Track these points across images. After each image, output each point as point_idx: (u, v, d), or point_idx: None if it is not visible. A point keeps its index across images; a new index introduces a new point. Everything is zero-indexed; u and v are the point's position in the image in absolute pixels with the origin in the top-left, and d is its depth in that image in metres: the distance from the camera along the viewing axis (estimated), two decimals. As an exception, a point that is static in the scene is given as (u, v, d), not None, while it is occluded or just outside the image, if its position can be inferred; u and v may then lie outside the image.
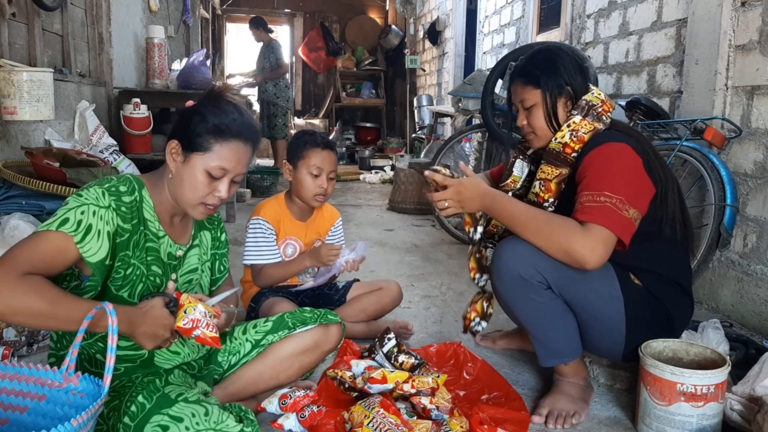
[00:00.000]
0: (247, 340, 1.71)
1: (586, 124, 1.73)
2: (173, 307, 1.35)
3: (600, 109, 1.74)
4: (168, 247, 1.50)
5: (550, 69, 1.76)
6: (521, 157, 1.95)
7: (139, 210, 1.43)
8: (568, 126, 1.74)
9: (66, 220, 1.30)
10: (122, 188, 1.40)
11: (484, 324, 1.97)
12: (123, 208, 1.38)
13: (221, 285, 1.72)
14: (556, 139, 1.75)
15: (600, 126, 1.73)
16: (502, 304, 1.86)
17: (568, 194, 1.71)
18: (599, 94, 1.78)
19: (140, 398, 1.28)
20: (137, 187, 1.44)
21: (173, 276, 1.51)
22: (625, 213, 1.58)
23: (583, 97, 1.76)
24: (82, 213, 1.32)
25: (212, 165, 1.41)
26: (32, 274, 1.24)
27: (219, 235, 1.69)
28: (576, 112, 1.75)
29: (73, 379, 1.26)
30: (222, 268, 1.71)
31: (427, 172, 1.77)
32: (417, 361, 1.87)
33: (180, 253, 1.53)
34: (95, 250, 1.32)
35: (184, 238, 1.56)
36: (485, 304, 2.03)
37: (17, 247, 1.29)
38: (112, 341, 1.22)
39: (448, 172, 1.79)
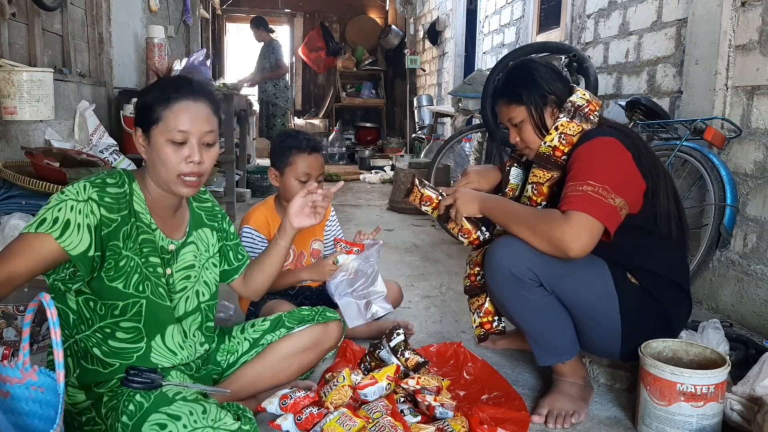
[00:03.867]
0: (245, 338, 1.72)
1: (574, 126, 1.73)
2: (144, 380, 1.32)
3: (587, 110, 1.75)
4: (160, 240, 1.50)
5: (529, 82, 1.78)
6: (516, 164, 1.96)
7: (129, 202, 1.44)
8: (556, 129, 1.75)
9: (44, 221, 1.33)
10: (109, 180, 1.42)
11: (504, 320, 1.96)
12: (107, 199, 1.39)
13: (248, 267, 1.75)
14: (545, 142, 1.76)
15: (588, 126, 1.74)
16: (497, 303, 1.86)
17: (559, 196, 1.71)
18: (584, 95, 1.78)
19: (138, 397, 1.28)
20: (127, 180, 1.46)
21: (168, 270, 1.51)
22: (611, 201, 1.58)
23: (567, 100, 1.77)
24: (59, 210, 1.34)
25: (169, 130, 1.39)
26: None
27: (226, 227, 1.70)
28: (563, 116, 1.76)
29: (31, 373, 1.24)
30: (240, 256, 1.74)
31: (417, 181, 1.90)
32: (422, 360, 1.87)
33: (172, 247, 1.53)
34: (76, 243, 1.34)
35: (178, 234, 1.56)
36: (491, 302, 1.98)
37: (2, 250, 1.34)
38: (56, 335, 1.20)
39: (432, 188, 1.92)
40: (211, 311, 1.66)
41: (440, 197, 1.87)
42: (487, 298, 1.94)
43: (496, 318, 1.95)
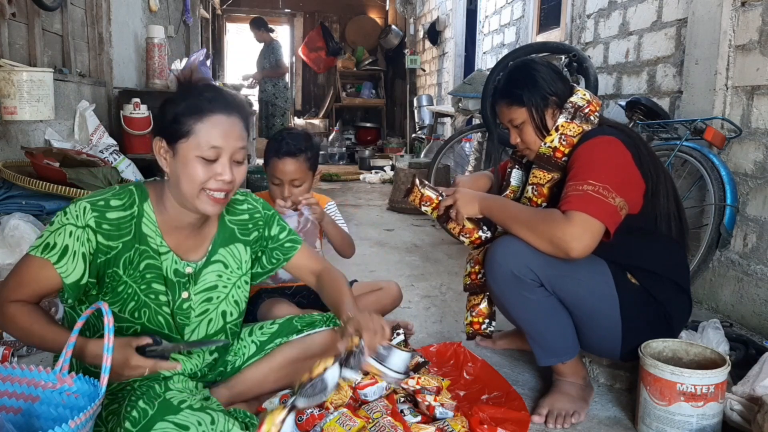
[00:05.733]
0: (252, 342, 1.66)
1: (574, 127, 1.73)
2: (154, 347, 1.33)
3: (587, 110, 1.75)
4: (173, 264, 1.43)
5: (531, 84, 1.77)
6: (517, 166, 1.96)
7: (136, 225, 1.38)
8: (557, 129, 1.75)
9: (47, 245, 1.33)
10: (114, 202, 1.37)
11: (494, 324, 1.96)
12: (105, 226, 1.35)
13: (297, 253, 1.63)
14: (545, 143, 1.76)
15: (588, 127, 1.74)
16: (498, 303, 1.86)
17: (559, 198, 1.71)
18: (584, 95, 1.78)
19: (141, 403, 1.24)
20: (138, 200, 1.39)
21: (185, 294, 1.45)
22: (611, 200, 1.58)
23: (568, 100, 1.77)
24: (59, 235, 1.33)
25: (201, 147, 1.31)
26: (19, 302, 1.35)
27: (267, 233, 1.59)
28: (563, 116, 1.75)
29: (67, 379, 1.25)
30: (276, 259, 1.62)
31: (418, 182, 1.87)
32: (422, 360, 1.87)
33: (189, 270, 1.46)
34: (70, 271, 1.33)
35: (197, 254, 1.48)
36: (488, 304, 1.99)
37: (10, 273, 1.37)
38: (108, 340, 1.21)
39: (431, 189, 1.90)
40: (237, 327, 1.60)
41: (440, 197, 1.87)
42: (484, 299, 1.93)
43: (486, 321, 1.94)
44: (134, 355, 1.28)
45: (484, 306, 1.94)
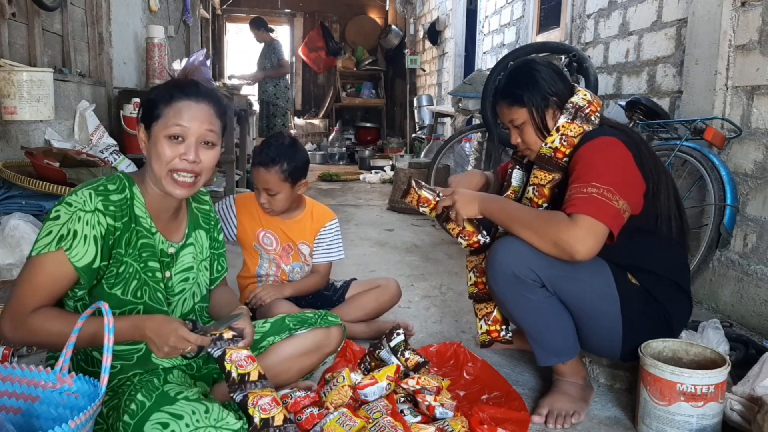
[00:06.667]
0: None
1: (575, 127, 1.73)
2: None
3: (587, 110, 1.74)
4: (160, 243, 1.50)
5: (531, 84, 1.76)
6: (518, 166, 1.95)
7: (130, 207, 1.44)
8: (558, 130, 1.74)
9: (61, 237, 1.34)
10: (111, 186, 1.42)
11: (510, 330, 1.95)
12: (111, 207, 1.39)
13: (219, 284, 1.73)
14: (546, 144, 1.76)
15: (589, 127, 1.73)
16: (498, 303, 1.86)
17: (561, 198, 1.70)
18: (585, 95, 1.77)
19: (139, 396, 1.29)
20: (128, 184, 1.45)
21: (167, 273, 1.51)
22: (615, 203, 1.58)
23: (569, 100, 1.77)
24: (72, 222, 1.34)
25: (169, 126, 1.40)
26: (40, 309, 1.33)
27: (216, 235, 1.69)
28: (564, 117, 1.75)
29: (67, 379, 1.26)
30: (220, 267, 1.72)
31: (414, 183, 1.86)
32: (422, 360, 1.87)
33: (172, 250, 1.53)
34: (81, 255, 1.34)
35: (177, 236, 1.56)
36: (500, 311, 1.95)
37: (20, 284, 1.35)
38: (108, 340, 1.22)
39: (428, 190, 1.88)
40: (204, 310, 1.66)
41: (437, 198, 1.86)
42: (496, 307, 1.92)
43: (503, 327, 1.92)
44: (182, 327, 1.32)
45: (497, 313, 1.92)
